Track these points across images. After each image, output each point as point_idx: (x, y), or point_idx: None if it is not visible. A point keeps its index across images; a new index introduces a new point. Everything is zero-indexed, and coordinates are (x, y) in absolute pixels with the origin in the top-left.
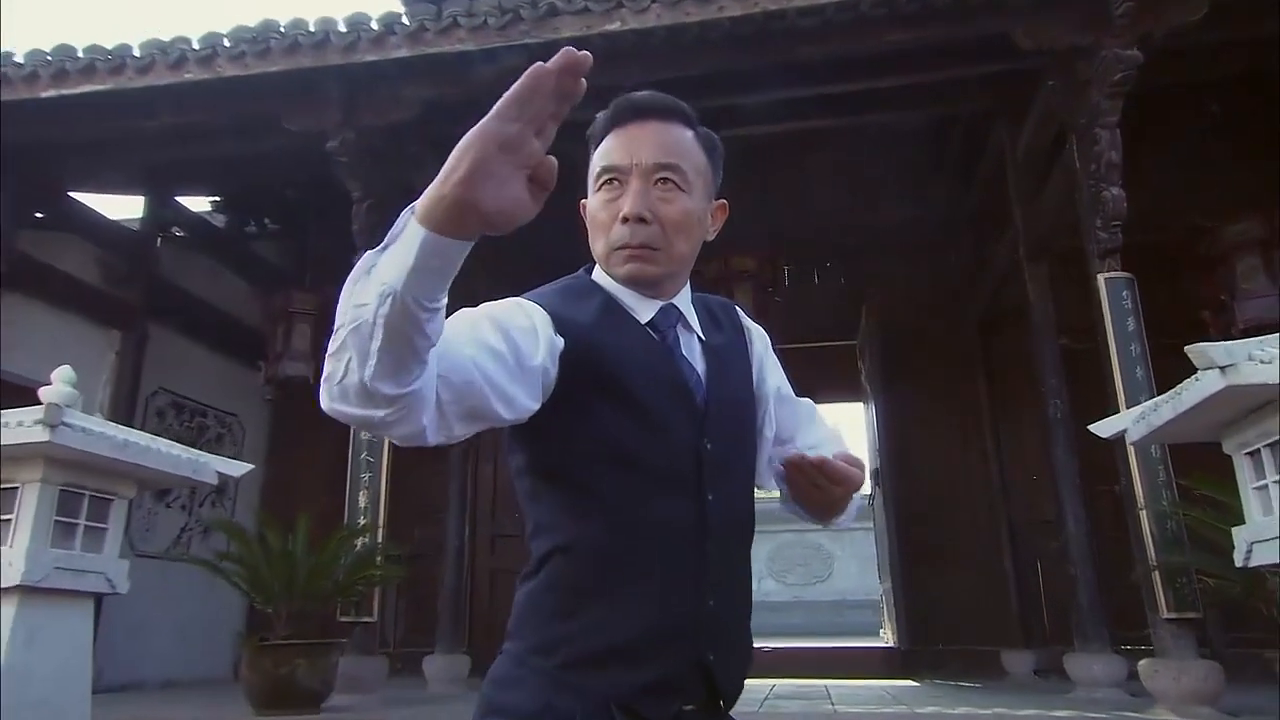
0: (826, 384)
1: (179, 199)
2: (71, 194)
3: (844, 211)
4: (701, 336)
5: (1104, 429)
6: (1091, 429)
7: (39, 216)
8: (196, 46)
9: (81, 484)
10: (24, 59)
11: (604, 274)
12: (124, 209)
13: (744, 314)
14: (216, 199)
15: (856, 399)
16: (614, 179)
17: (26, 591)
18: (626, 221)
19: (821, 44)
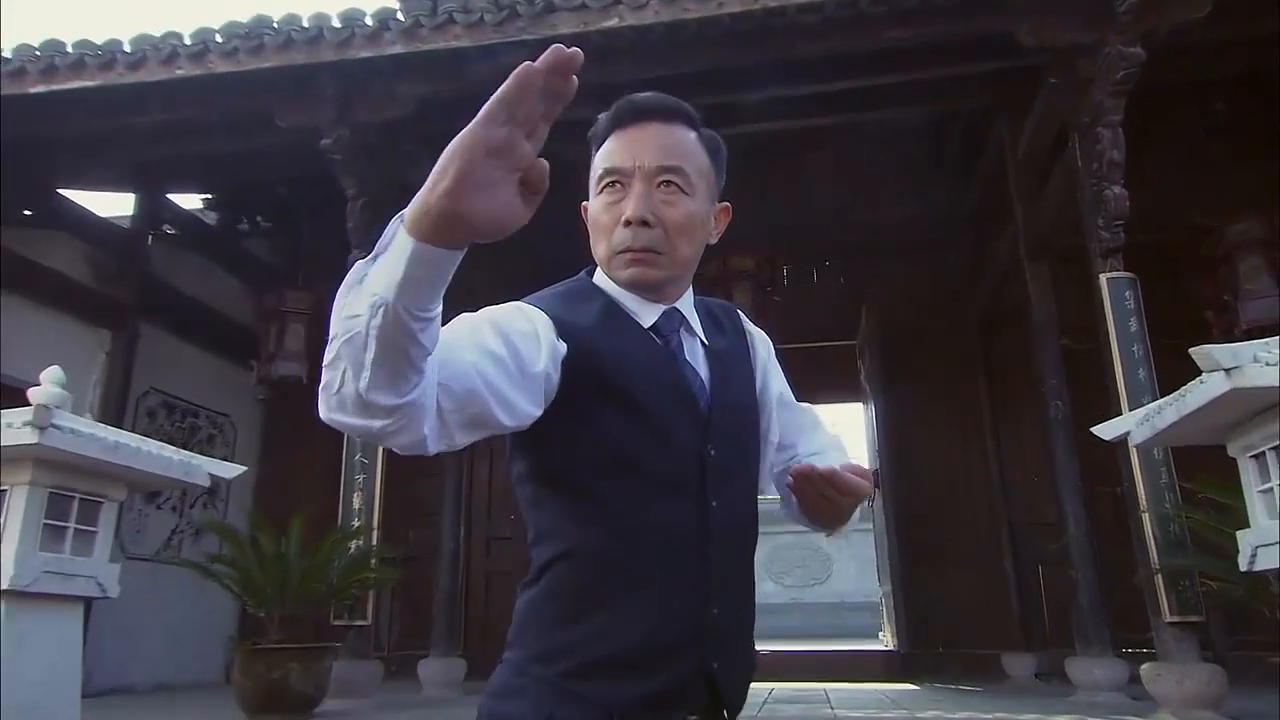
0: (826, 384)
1: (170, 196)
2: (61, 191)
3: (843, 210)
4: (704, 341)
5: (1107, 431)
6: (1094, 431)
7: (28, 214)
8: (188, 42)
9: (71, 486)
10: (12, 54)
11: (605, 277)
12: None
13: (746, 318)
14: (208, 196)
15: (856, 399)
16: (616, 181)
17: (15, 596)
18: (629, 225)
19: (821, 41)
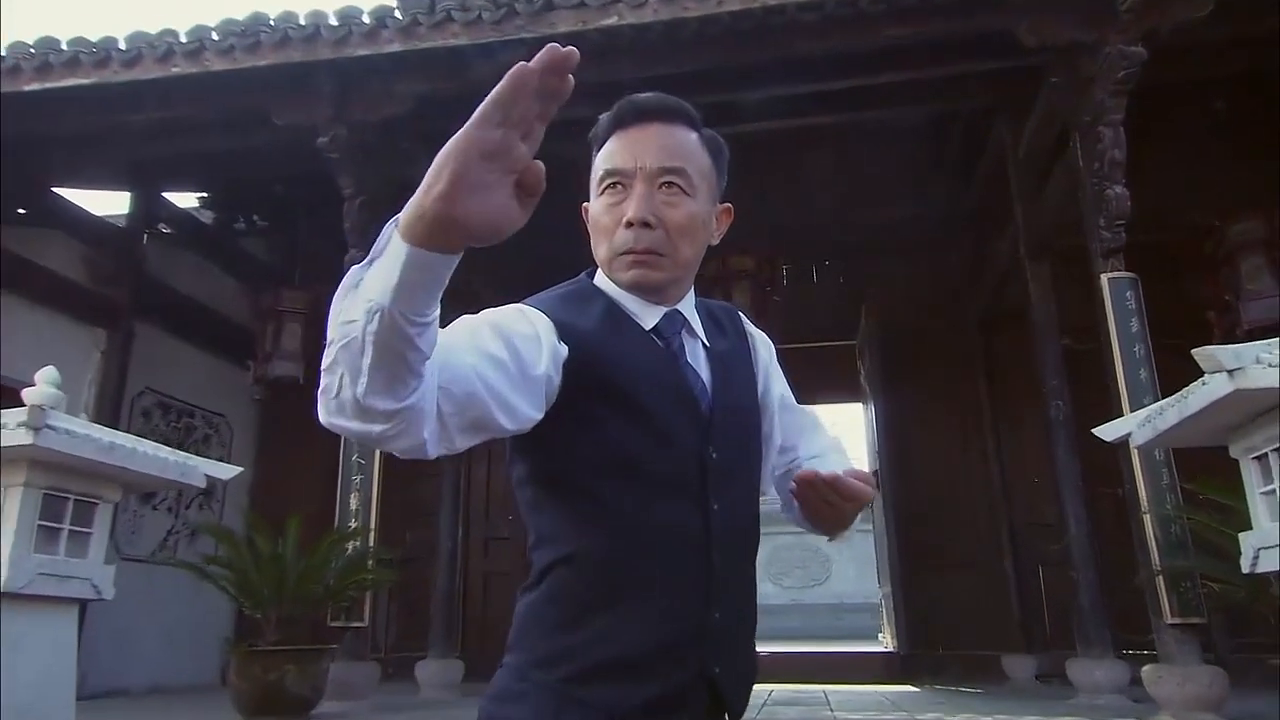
0: (826, 384)
1: (166, 195)
2: (56, 189)
3: (843, 210)
4: (706, 343)
5: (1108, 433)
6: (1096, 433)
7: (22, 212)
8: (184, 40)
9: (65, 487)
10: (6, 52)
11: (606, 279)
12: (110, 205)
13: (748, 320)
14: (204, 195)
15: (856, 399)
16: (617, 182)
17: (9, 598)
18: (630, 226)
19: (821, 39)
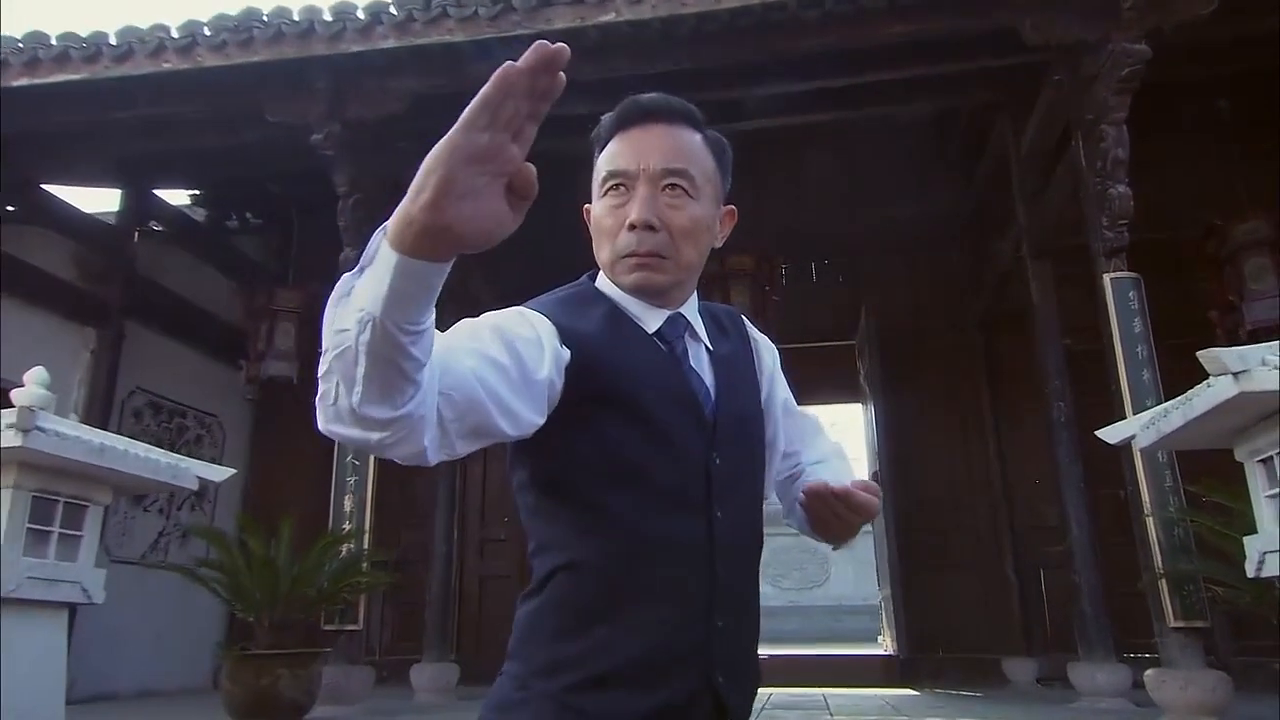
0: (825, 385)
1: (157, 192)
2: (44, 186)
3: (843, 209)
4: (709, 346)
5: (1112, 435)
6: (1099, 435)
7: (11, 210)
8: (175, 35)
9: (55, 490)
10: None
11: (609, 282)
12: (100, 202)
13: (751, 324)
14: (196, 192)
15: (855, 400)
16: (620, 184)
17: None
18: (634, 228)
19: (821, 36)
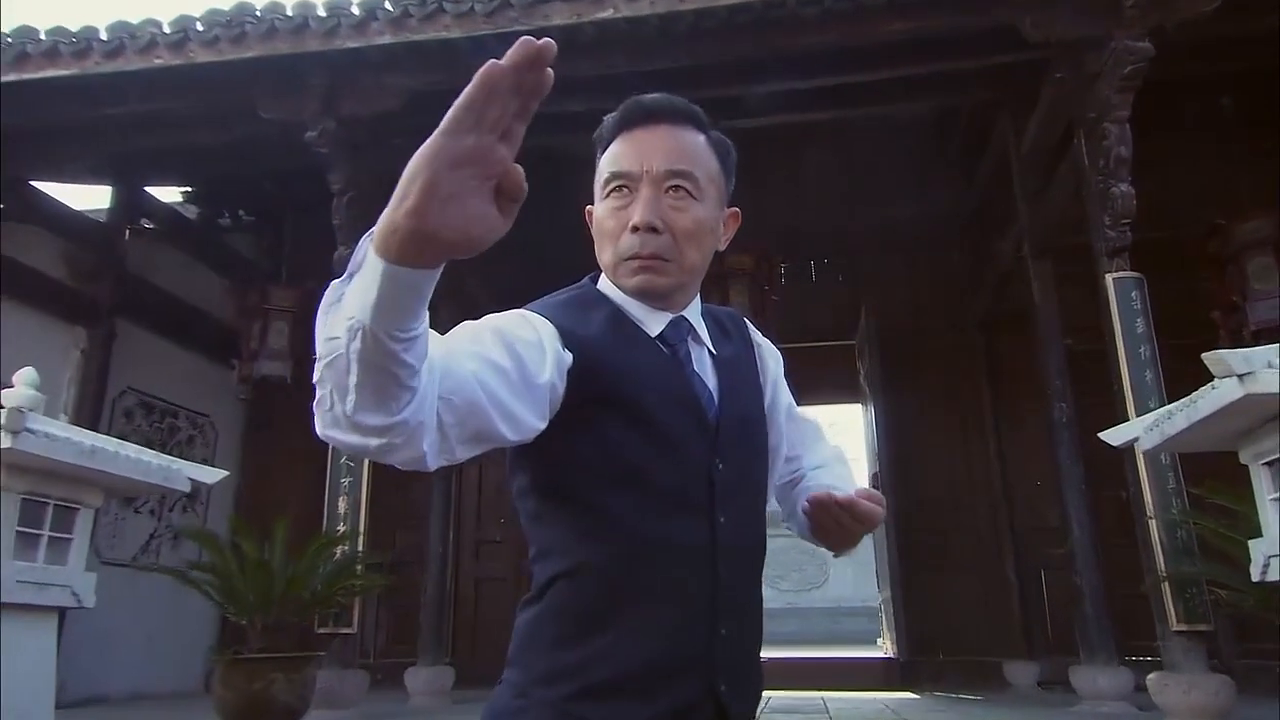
0: (824, 385)
1: (148, 189)
2: (34, 183)
3: (842, 208)
4: (712, 350)
5: (1115, 437)
6: (1102, 437)
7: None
8: (167, 30)
9: (45, 492)
10: None
11: (611, 284)
12: (90, 199)
13: (754, 328)
14: (188, 189)
15: (855, 400)
16: (623, 186)
17: None
18: (636, 231)
19: (820, 34)
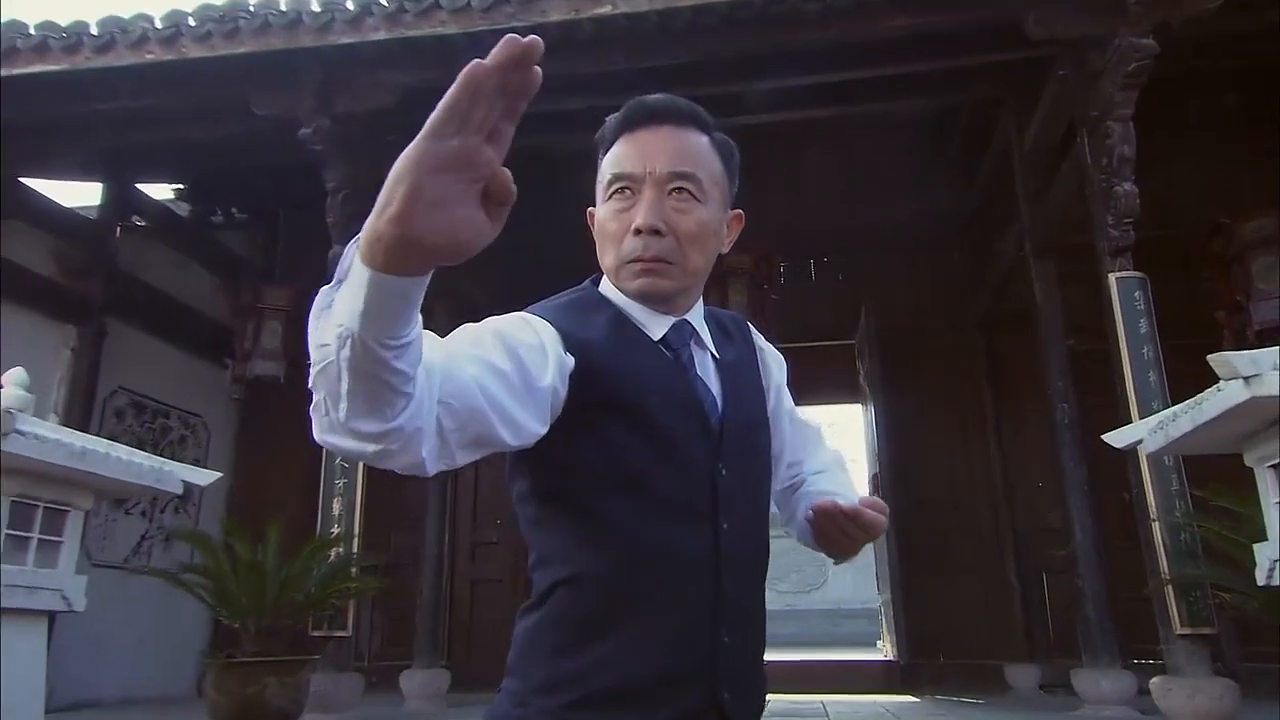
0: (824, 385)
1: (140, 186)
2: (22, 179)
3: (842, 206)
4: (715, 354)
5: (1119, 439)
6: (1106, 439)
7: None
8: (159, 25)
9: (35, 495)
10: None
11: (613, 287)
12: (80, 196)
13: (757, 332)
14: (180, 186)
15: (855, 400)
16: (626, 188)
17: None
18: (639, 233)
19: (821, 30)
